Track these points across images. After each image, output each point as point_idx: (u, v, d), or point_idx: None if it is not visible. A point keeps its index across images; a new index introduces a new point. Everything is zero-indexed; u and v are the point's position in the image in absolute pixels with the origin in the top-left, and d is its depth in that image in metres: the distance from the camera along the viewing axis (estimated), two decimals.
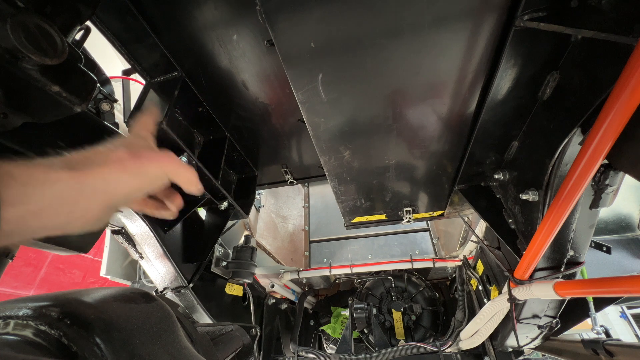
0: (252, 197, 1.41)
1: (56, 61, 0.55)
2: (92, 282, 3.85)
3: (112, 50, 0.88)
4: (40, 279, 3.36)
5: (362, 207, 1.31)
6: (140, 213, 0.93)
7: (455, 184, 1.17)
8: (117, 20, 0.81)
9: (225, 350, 0.89)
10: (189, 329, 0.65)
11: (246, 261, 1.48)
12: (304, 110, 0.80)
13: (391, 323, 2.32)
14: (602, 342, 1.19)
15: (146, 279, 2.05)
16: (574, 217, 0.82)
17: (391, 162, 1.05)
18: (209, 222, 1.34)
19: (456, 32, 0.65)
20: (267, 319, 1.97)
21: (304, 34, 0.63)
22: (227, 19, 0.79)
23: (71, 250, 0.75)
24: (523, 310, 1.19)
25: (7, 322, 0.36)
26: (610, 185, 0.73)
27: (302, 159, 1.36)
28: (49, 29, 0.53)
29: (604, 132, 0.56)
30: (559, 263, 0.96)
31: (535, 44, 0.68)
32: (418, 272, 2.56)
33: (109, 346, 0.39)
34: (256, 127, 1.17)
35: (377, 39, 0.65)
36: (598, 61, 0.61)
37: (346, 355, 1.83)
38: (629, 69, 0.49)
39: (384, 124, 0.88)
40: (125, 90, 1.17)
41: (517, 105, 0.82)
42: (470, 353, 1.77)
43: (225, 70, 0.93)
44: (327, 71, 0.71)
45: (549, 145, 0.74)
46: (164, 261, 1.12)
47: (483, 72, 0.74)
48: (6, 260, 0.70)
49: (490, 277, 1.54)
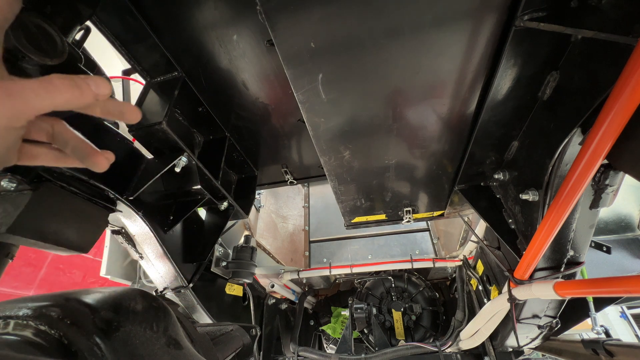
0: (252, 197, 1.41)
1: (56, 61, 0.55)
2: (92, 282, 3.85)
3: (112, 50, 0.88)
4: (40, 279, 3.35)
5: (362, 207, 1.31)
6: (140, 214, 0.93)
7: (455, 184, 1.17)
8: (117, 20, 0.81)
9: (225, 350, 0.89)
10: (189, 329, 0.65)
11: (246, 261, 1.48)
12: (304, 110, 0.80)
13: (391, 323, 2.32)
14: (602, 342, 1.19)
15: (146, 279, 2.05)
16: (574, 217, 0.82)
17: (391, 162, 1.05)
18: (209, 222, 1.34)
19: (456, 32, 0.65)
20: (267, 319, 1.97)
21: (304, 34, 0.63)
22: (227, 19, 0.79)
23: (71, 250, 0.75)
24: (523, 310, 1.19)
25: (7, 322, 0.36)
26: (610, 185, 0.73)
27: (302, 159, 1.36)
28: (49, 29, 0.53)
29: (604, 132, 0.56)
30: (559, 263, 0.96)
31: (535, 44, 0.68)
32: (418, 272, 2.56)
33: (109, 346, 0.39)
34: (256, 127, 1.18)
35: (377, 39, 0.65)
36: (598, 61, 0.61)
37: (346, 355, 1.83)
38: (629, 69, 0.49)
39: (384, 124, 0.88)
40: (125, 90, 1.17)
41: (517, 105, 0.82)
42: (470, 353, 1.77)
43: (225, 70, 0.93)
44: (327, 71, 0.71)
45: (549, 145, 0.74)
46: (164, 261, 1.12)
47: (483, 72, 0.74)
48: (6, 260, 0.70)
49: (490, 277, 1.54)
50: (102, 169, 0.45)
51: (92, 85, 0.39)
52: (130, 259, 2.05)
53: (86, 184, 0.78)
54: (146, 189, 0.88)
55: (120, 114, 0.45)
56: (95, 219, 0.83)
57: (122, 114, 0.45)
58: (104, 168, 0.45)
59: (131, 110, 0.46)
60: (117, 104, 0.44)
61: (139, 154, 0.95)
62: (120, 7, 0.77)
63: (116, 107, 0.44)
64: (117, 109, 0.44)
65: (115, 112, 0.44)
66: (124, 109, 0.45)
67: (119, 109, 0.45)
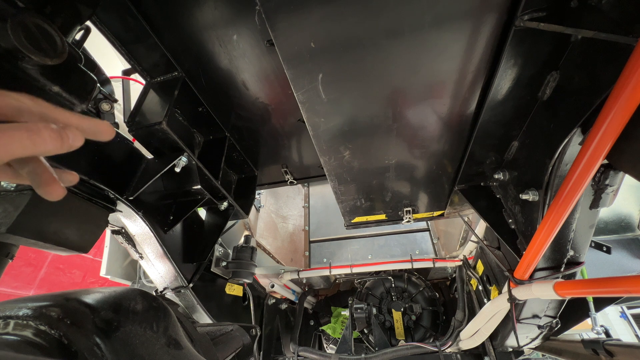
0: (252, 197, 1.41)
1: (56, 61, 0.55)
2: (92, 282, 3.85)
3: (112, 50, 0.88)
4: (40, 279, 3.35)
5: (362, 207, 1.31)
6: (140, 214, 0.93)
7: (455, 184, 1.17)
8: (117, 20, 0.81)
9: (225, 350, 0.89)
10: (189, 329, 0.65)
11: (246, 261, 1.48)
12: (304, 110, 0.80)
13: (391, 323, 2.32)
14: (602, 342, 1.19)
15: (146, 279, 2.05)
16: (574, 217, 0.82)
17: (391, 162, 1.05)
18: (209, 222, 1.34)
19: (456, 32, 0.65)
20: (267, 319, 1.97)
21: (304, 34, 0.63)
22: (227, 19, 0.79)
23: (71, 250, 0.75)
24: (523, 310, 1.19)
25: (7, 322, 0.36)
26: (610, 185, 0.73)
27: (302, 159, 1.36)
28: (49, 29, 0.53)
29: (604, 132, 0.56)
30: (559, 263, 0.96)
31: (535, 44, 0.68)
32: (418, 272, 2.56)
33: (109, 346, 0.39)
34: (256, 127, 1.18)
35: (377, 39, 0.65)
36: (598, 61, 0.61)
37: (346, 355, 1.83)
38: (629, 69, 0.49)
39: (384, 124, 0.88)
40: (125, 90, 1.17)
41: (517, 105, 0.82)
42: (470, 353, 1.77)
43: (225, 70, 0.93)
44: (327, 71, 0.71)
45: (549, 145, 0.74)
46: (164, 261, 1.12)
47: (483, 72, 0.74)
48: (6, 260, 0.70)
49: (490, 277, 1.54)
50: (53, 199, 0.40)
51: (71, 137, 0.36)
52: (130, 259, 2.06)
53: (86, 184, 0.78)
54: (146, 189, 0.88)
55: (94, 133, 0.42)
56: (95, 219, 0.83)
57: (96, 133, 0.42)
58: (56, 199, 0.40)
59: (105, 129, 0.43)
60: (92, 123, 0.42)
61: (139, 154, 0.95)
62: (120, 7, 0.77)
63: (91, 126, 0.41)
64: (92, 129, 0.42)
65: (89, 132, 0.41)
66: (99, 128, 0.42)
67: (93, 129, 0.42)
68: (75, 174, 0.45)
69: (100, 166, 0.80)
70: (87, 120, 0.41)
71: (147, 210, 0.97)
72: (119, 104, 1.03)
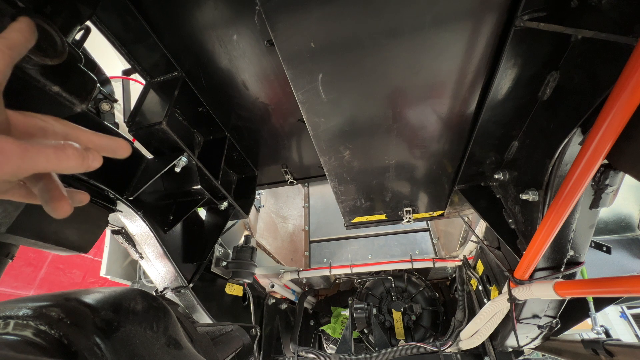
0: (252, 197, 1.41)
1: (56, 61, 0.55)
2: (92, 282, 3.85)
3: (112, 50, 0.88)
4: (40, 279, 3.35)
5: (362, 207, 1.31)
6: (140, 214, 0.93)
7: (455, 184, 1.17)
8: (117, 20, 0.81)
9: (225, 350, 0.89)
10: (189, 329, 0.65)
11: (246, 261, 1.48)
12: (304, 110, 0.80)
13: (391, 323, 2.32)
14: (602, 342, 1.19)
15: (146, 279, 2.05)
16: (574, 217, 0.82)
17: (391, 162, 1.05)
18: (209, 222, 1.34)
19: (456, 32, 0.65)
20: (267, 319, 1.97)
21: (304, 33, 0.63)
22: (227, 19, 0.79)
23: (71, 250, 0.75)
24: (523, 310, 1.19)
25: (7, 322, 0.36)
26: (610, 185, 0.73)
27: (302, 159, 1.36)
28: (49, 29, 0.53)
29: (604, 132, 0.56)
30: (559, 263, 0.96)
31: (535, 44, 0.68)
32: (418, 272, 2.56)
33: (109, 346, 0.39)
34: (256, 127, 1.18)
35: (377, 39, 0.65)
36: (598, 61, 0.61)
37: (346, 355, 1.82)
38: (629, 69, 0.49)
39: (384, 124, 0.88)
40: (125, 90, 1.17)
41: (517, 105, 0.82)
42: (470, 353, 1.77)
43: (225, 70, 0.93)
44: (327, 71, 0.71)
45: (549, 145, 0.74)
46: (164, 261, 1.12)
47: (483, 72, 0.74)
48: (6, 260, 0.70)
49: (490, 277, 1.54)
50: (59, 217, 0.41)
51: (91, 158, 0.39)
52: (130, 259, 2.06)
53: (86, 184, 0.78)
54: (146, 189, 0.88)
55: (113, 151, 0.44)
56: (95, 219, 0.83)
57: (115, 151, 0.44)
58: (62, 216, 0.41)
59: (123, 147, 0.45)
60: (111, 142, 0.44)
61: (139, 154, 0.95)
62: (120, 7, 0.77)
63: (110, 144, 0.44)
64: (111, 147, 0.44)
65: (108, 150, 0.44)
66: (118, 146, 0.44)
67: (113, 147, 0.44)
68: (87, 194, 0.46)
69: (101, 166, 0.80)
70: (107, 139, 0.43)
71: (147, 210, 0.97)
72: (119, 104, 1.03)
